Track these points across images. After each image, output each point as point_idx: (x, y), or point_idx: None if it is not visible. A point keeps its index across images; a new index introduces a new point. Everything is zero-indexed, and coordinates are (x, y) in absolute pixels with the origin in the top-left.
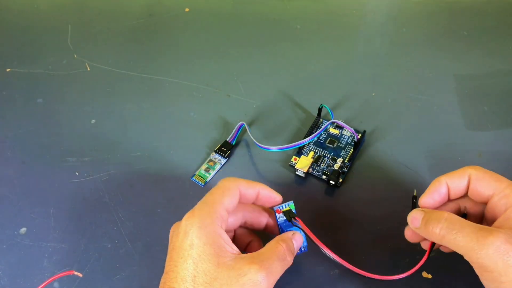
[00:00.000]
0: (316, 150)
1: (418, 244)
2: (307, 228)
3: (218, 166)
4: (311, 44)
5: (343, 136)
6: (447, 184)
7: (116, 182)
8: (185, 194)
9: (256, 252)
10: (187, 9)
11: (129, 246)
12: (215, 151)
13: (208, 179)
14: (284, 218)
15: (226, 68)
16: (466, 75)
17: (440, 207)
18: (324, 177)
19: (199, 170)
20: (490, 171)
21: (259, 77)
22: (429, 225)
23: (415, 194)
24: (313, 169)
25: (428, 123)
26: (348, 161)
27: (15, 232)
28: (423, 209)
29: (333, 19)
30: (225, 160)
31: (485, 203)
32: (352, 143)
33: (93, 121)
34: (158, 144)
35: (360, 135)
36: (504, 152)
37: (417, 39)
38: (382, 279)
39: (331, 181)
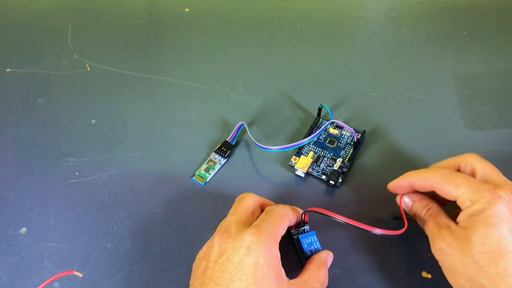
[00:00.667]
0: (316, 150)
1: (417, 244)
2: (321, 209)
3: (218, 166)
4: (311, 44)
5: (342, 136)
6: (411, 183)
7: (116, 182)
8: (185, 194)
9: (303, 278)
10: (187, 9)
11: (129, 246)
12: (215, 151)
13: (208, 179)
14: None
15: (226, 68)
16: (466, 75)
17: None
18: (324, 177)
19: (199, 170)
20: (451, 174)
21: (259, 77)
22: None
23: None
24: (313, 169)
25: (428, 123)
26: (348, 161)
27: (15, 232)
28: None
29: (333, 19)
30: (224, 160)
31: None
32: (352, 143)
33: (93, 121)
34: (158, 144)
35: (359, 135)
36: (504, 152)
37: (417, 39)
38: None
39: (330, 181)
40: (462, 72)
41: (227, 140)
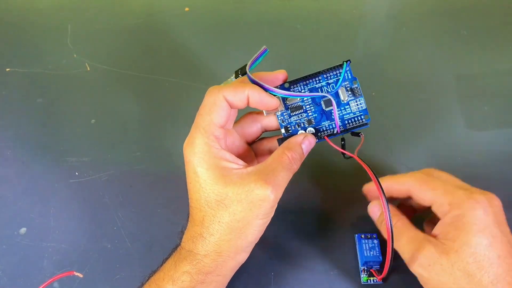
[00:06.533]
0: (305, 99)
1: None
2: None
3: None
4: (311, 44)
5: (345, 108)
6: (386, 188)
7: (116, 182)
8: (185, 194)
9: (262, 164)
10: (187, 9)
11: (129, 246)
12: (235, 72)
13: None
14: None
15: (226, 68)
16: (466, 75)
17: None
18: (282, 131)
19: None
20: (428, 178)
21: None
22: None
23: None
24: (282, 115)
25: (428, 123)
26: (323, 137)
27: (15, 232)
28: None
29: (333, 19)
30: None
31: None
32: (348, 128)
33: (93, 121)
34: (158, 144)
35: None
36: (504, 152)
37: (417, 39)
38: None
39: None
40: (462, 72)
41: (247, 64)
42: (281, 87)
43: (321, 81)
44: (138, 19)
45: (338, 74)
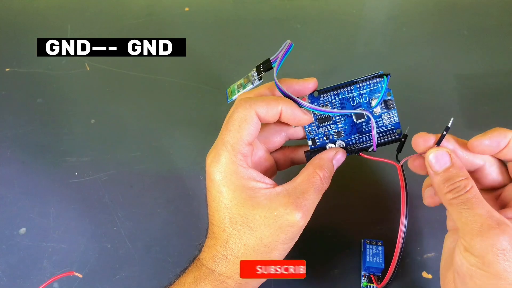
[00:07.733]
0: (335, 107)
1: (418, 244)
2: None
3: (249, 86)
4: (311, 44)
5: (378, 122)
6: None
7: (116, 182)
8: (185, 194)
9: (291, 183)
10: (186, 9)
11: (129, 246)
12: (256, 67)
13: (234, 97)
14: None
15: (225, 68)
16: (466, 75)
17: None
18: (310, 142)
19: (235, 83)
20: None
21: None
22: (446, 183)
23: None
24: (309, 126)
25: (428, 123)
26: (352, 151)
27: (15, 233)
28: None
29: (333, 19)
30: (258, 82)
31: None
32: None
33: (93, 121)
34: (158, 144)
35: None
36: None
37: (417, 39)
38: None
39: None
40: (462, 72)
41: (270, 59)
42: (310, 96)
43: (353, 91)
44: (137, 19)
45: (372, 85)
